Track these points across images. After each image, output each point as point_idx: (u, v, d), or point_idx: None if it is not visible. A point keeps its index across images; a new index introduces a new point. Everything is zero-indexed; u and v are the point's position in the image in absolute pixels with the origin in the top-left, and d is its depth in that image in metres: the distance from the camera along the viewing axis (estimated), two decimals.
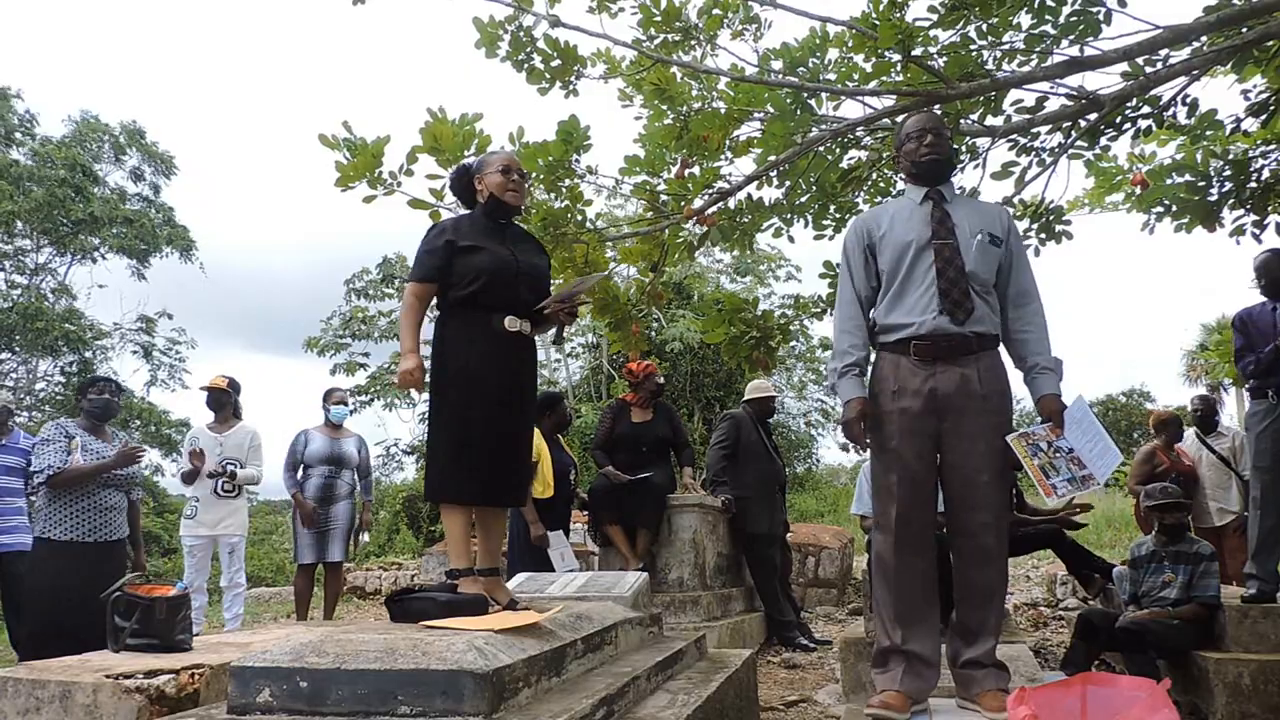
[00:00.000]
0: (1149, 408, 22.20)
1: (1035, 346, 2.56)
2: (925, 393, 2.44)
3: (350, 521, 5.86)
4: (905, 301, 2.52)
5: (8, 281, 16.26)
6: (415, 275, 2.70)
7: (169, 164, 17.72)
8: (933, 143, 2.61)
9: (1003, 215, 2.69)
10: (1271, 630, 3.78)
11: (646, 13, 4.36)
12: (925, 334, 2.46)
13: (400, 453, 17.00)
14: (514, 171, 2.79)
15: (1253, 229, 4.51)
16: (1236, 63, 3.78)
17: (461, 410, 2.57)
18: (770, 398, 6.14)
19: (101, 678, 2.38)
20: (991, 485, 2.47)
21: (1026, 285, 2.60)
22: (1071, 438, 2.46)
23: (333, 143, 4.07)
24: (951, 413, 2.45)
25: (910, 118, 2.81)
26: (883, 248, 2.59)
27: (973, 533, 2.47)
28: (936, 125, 2.68)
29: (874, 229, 2.63)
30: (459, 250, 2.65)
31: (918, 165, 2.64)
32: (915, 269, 2.51)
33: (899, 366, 2.50)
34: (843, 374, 2.55)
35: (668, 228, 4.60)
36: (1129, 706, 1.97)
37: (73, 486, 4.06)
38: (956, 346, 2.46)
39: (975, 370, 2.47)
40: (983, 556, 2.48)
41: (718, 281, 16.39)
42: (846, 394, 2.53)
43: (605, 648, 2.62)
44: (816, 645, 5.48)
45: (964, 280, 2.47)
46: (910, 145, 2.66)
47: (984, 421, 2.45)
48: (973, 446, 2.45)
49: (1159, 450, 5.90)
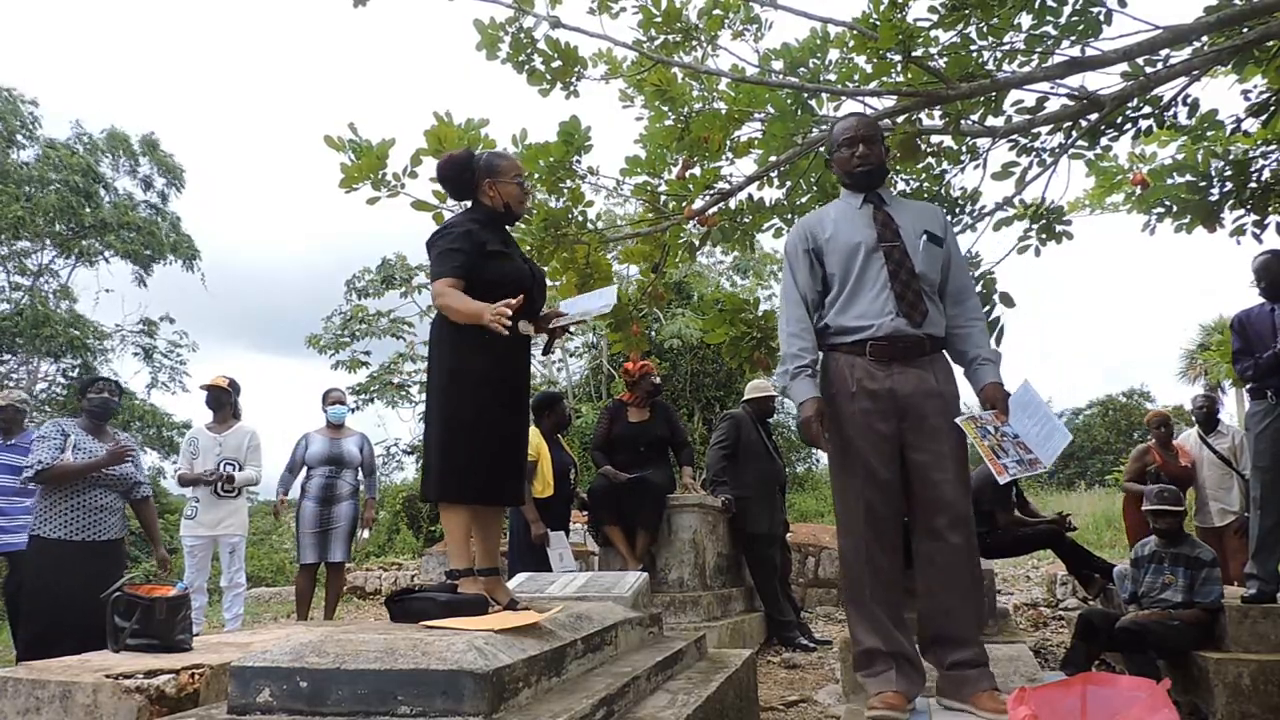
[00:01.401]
0: (1148, 407, 22.23)
1: (976, 340, 2.61)
2: (885, 393, 2.46)
3: (352, 521, 5.87)
4: (859, 304, 2.53)
5: (10, 283, 16.26)
6: (447, 271, 2.57)
7: (179, 175, 17.75)
8: (864, 154, 2.63)
9: (939, 214, 2.74)
10: (1271, 630, 3.78)
11: (647, 14, 4.36)
12: (883, 335, 2.48)
13: (400, 452, 17.00)
14: (526, 187, 2.85)
15: (1253, 229, 4.51)
16: (1237, 63, 3.78)
17: (470, 411, 2.55)
18: (770, 397, 6.14)
19: (101, 678, 2.38)
20: (955, 484, 2.47)
21: (964, 282, 2.66)
22: (1016, 423, 2.50)
23: (338, 144, 4.07)
24: (912, 413, 2.47)
25: (840, 122, 2.79)
26: (829, 250, 2.59)
27: (940, 533, 2.47)
28: (867, 133, 2.68)
29: (818, 232, 2.64)
30: (487, 254, 2.64)
31: (851, 175, 2.66)
32: (866, 271, 2.53)
33: (854, 367, 2.50)
34: (795, 375, 2.54)
35: (668, 228, 4.60)
36: (1129, 706, 1.97)
37: (61, 483, 4.06)
38: (912, 348, 2.50)
39: (931, 371, 2.52)
40: (952, 555, 2.46)
41: (718, 281, 16.39)
42: (801, 394, 2.51)
43: (605, 648, 2.62)
44: (816, 645, 5.49)
45: (916, 282, 2.52)
46: (842, 153, 2.67)
47: (943, 421, 2.48)
48: (935, 446, 2.46)
49: (1153, 449, 5.92)
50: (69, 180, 15.62)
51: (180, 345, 18.08)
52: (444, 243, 2.62)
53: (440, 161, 2.88)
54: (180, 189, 17.83)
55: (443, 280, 2.57)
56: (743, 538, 5.91)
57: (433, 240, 2.67)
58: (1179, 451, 5.92)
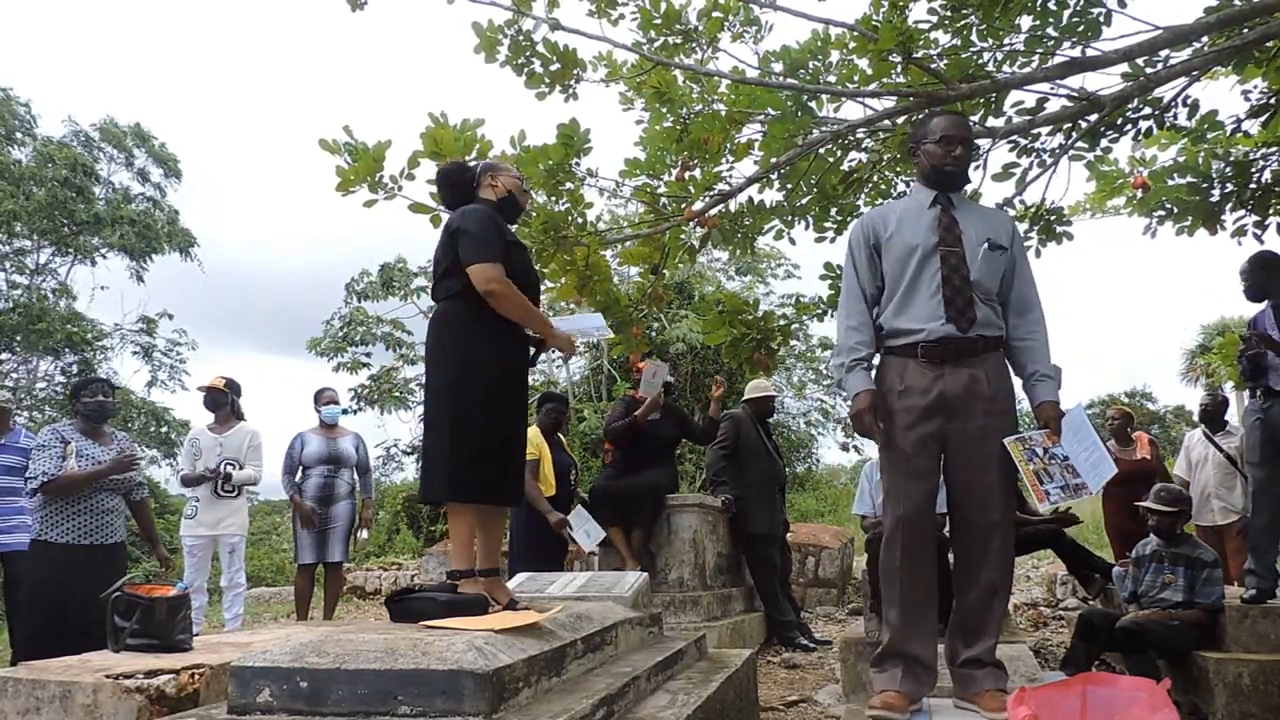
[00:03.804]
0: (1149, 408, 22.22)
1: (1036, 355, 2.56)
2: (934, 393, 2.45)
3: (350, 521, 5.86)
4: (912, 307, 2.52)
5: (8, 282, 16.26)
6: (492, 256, 2.50)
7: (174, 165, 17.74)
8: (960, 155, 2.59)
9: (1007, 222, 2.70)
10: (1271, 630, 3.78)
11: (646, 15, 4.36)
12: (934, 340, 2.47)
13: (400, 453, 16.97)
14: (524, 180, 2.88)
15: (1254, 230, 4.51)
16: (1237, 63, 3.78)
17: (478, 409, 2.52)
18: (770, 397, 6.14)
19: (101, 678, 2.38)
20: (998, 485, 2.47)
21: (1028, 293, 2.61)
22: (1067, 445, 2.47)
23: (333, 148, 4.05)
24: (959, 413, 2.45)
25: (940, 117, 2.71)
26: (888, 249, 2.58)
27: (981, 532, 2.47)
28: (966, 135, 2.64)
29: (880, 229, 2.61)
30: (509, 244, 2.61)
31: (938, 171, 2.60)
32: (921, 275, 2.51)
33: (906, 368, 2.50)
34: (850, 368, 2.53)
35: (668, 230, 4.60)
36: (1129, 706, 1.97)
37: (68, 494, 4.05)
38: (964, 349, 2.48)
39: (983, 371, 2.49)
40: (989, 556, 2.47)
41: (718, 280, 16.37)
42: (856, 386, 2.51)
43: (605, 648, 2.63)
44: (816, 645, 5.49)
45: (968, 289, 2.49)
46: (935, 148, 2.60)
47: (990, 422, 2.46)
48: (980, 446, 2.45)
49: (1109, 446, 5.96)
50: (59, 175, 15.60)
51: (180, 344, 18.05)
52: (478, 227, 2.55)
53: (438, 169, 2.94)
54: (178, 179, 17.85)
55: (493, 265, 2.50)
56: (743, 538, 5.91)
57: (463, 223, 2.57)
58: (1138, 443, 5.91)
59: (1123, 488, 5.69)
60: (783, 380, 15.90)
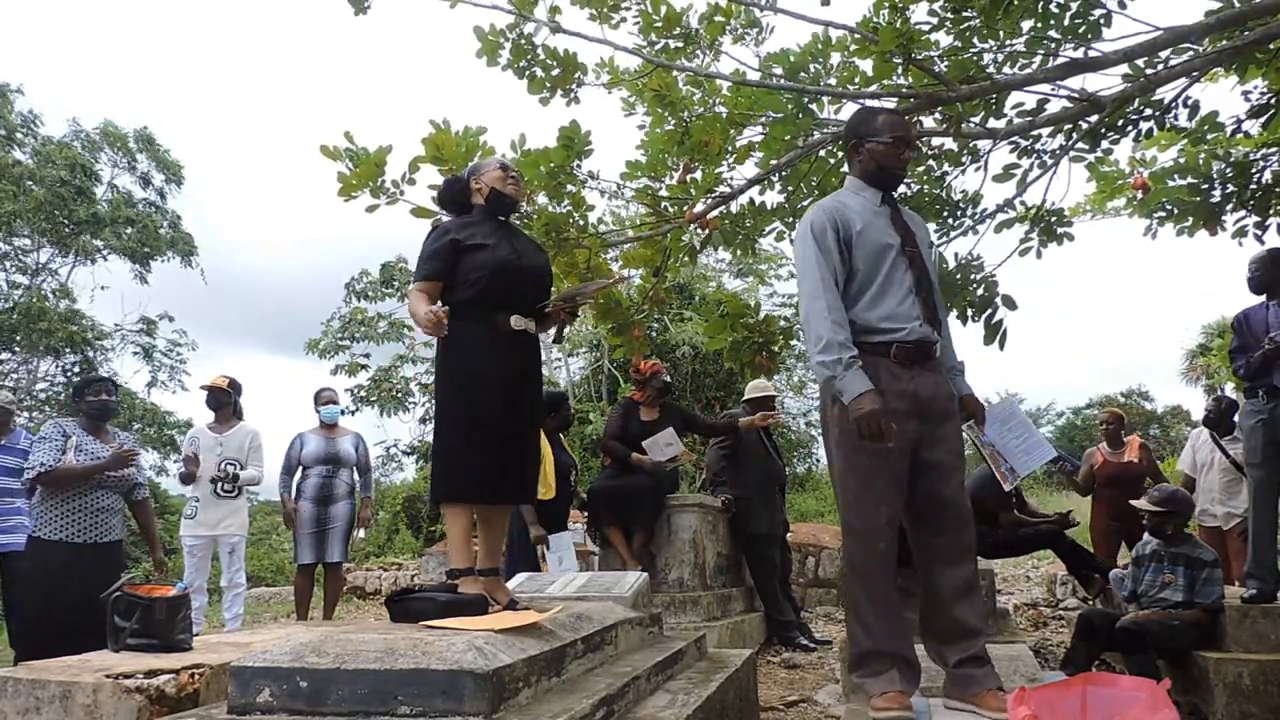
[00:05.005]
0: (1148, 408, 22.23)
1: (951, 350, 2.72)
2: (908, 395, 2.47)
3: (350, 521, 5.87)
4: (885, 304, 2.51)
5: (9, 282, 16.26)
6: (421, 275, 2.67)
7: (177, 170, 17.72)
8: (908, 157, 2.66)
9: (925, 225, 2.82)
10: (1271, 630, 3.79)
11: (647, 19, 4.36)
12: (911, 340, 2.50)
13: (400, 453, 16.97)
14: (510, 168, 2.87)
15: (1255, 231, 4.51)
16: (1238, 64, 3.78)
17: (469, 410, 2.57)
18: (770, 398, 6.14)
19: (101, 678, 2.38)
20: (962, 484, 2.59)
21: (939, 294, 2.73)
22: (994, 434, 2.61)
23: (334, 153, 4.05)
24: (931, 414, 2.51)
25: (886, 115, 2.69)
26: (859, 244, 2.54)
27: (954, 529, 2.53)
28: (912, 138, 2.71)
29: (848, 221, 2.55)
30: (463, 249, 2.66)
31: (886, 172, 2.63)
32: (894, 273, 2.54)
33: (879, 368, 2.48)
34: (848, 365, 2.40)
35: (669, 232, 4.60)
36: (1129, 706, 1.97)
37: (63, 486, 4.05)
38: (928, 352, 2.56)
39: (941, 374, 2.60)
40: (962, 552, 2.54)
41: (719, 281, 16.35)
42: (859, 386, 2.36)
43: (605, 648, 2.63)
44: (816, 645, 5.49)
45: (933, 291, 2.59)
46: (886, 149, 2.59)
47: (954, 424, 2.60)
48: (949, 445, 2.55)
49: (1098, 450, 5.96)
50: (59, 175, 15.60)
51: (180, 344, 18.04)
52: (423, 249, 2.73)
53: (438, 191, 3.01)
54: (179, 184, 17.81)
55: (413, 286, 2.69)
56: (743, 538, 5.91)
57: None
58: (1129, 446, 5.91)
59: (1109, 489, 5.73)
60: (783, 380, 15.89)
